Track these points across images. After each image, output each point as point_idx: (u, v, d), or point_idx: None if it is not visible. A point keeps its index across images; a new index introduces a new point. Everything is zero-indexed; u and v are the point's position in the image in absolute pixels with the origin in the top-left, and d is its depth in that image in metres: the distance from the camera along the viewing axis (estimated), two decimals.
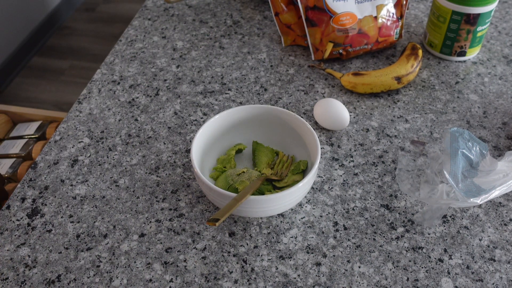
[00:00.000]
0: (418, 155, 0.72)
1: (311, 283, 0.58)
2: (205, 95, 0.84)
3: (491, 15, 0.84)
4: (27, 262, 0.61)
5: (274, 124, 0.70)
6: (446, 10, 0.83)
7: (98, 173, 0.71)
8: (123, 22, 2.58)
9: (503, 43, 0.94)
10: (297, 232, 0.63)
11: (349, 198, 0.67)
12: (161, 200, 0.67)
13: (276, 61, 0.90)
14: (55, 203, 0.67)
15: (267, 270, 0.59)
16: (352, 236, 0.63)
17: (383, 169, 0.71)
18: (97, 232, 0.64)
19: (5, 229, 0.64)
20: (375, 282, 0.58)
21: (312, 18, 0.86)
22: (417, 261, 0.60)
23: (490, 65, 0.89)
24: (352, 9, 0.86)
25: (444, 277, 0.58)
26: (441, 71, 0.88)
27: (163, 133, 0.77)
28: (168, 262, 0.60)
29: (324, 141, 0.75)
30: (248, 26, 0.99)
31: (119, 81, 0.87)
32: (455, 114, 0.79)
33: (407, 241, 0.62)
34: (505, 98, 0.82)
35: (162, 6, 1.05)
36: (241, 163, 0.71)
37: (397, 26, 0.89)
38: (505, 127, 0.77)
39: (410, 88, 0.84)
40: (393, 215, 0.65)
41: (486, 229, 0.63)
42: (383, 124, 0.78)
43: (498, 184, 0.61)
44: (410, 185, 0.67)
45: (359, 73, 0.82)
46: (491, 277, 0.58)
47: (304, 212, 0.65)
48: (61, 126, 0.79)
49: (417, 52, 0.84)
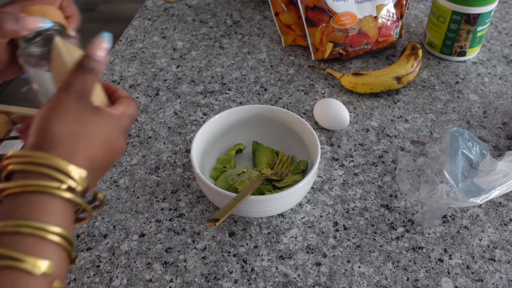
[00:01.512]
0: (418, 155, 0.72)
1: (311, 283, 0.58)
2: (205, 95, 0.84)
3: (491, 15, 0.84)
4: None
5: (274, 124, 0.70)
6: (446, 10, 0.83)
7: None
8: (123, 22, 2.58)
9: (503, 43, 0.94)
10: (297, 232, 0.63)
11: (349, 198, 0.67)
12: (161, 200, 0.67)
13: (276, 61, 0.90)
14: None
15: (267, 270, 0.59)
16: (352, 236, 0.63)
17: (383, 169, 0.71)
18: (97, 232, 0.64)
19: None
20: (375, 282, 0.58)
21: (312, 18, 0.86)
22: (417, 261, 0.60)
23: (490, 65, 0.89)
24: (352, 9, 0.86)
25: (444, 277, 0.58)
26: (441, 71, 0.88)
27: (163, 133, 0.77)
28: (168, 262, 0.60)
29: (324, 141, 0.75)
30: (248, 26, 0.99)
31: (119, 81, 0.87)
32: (455, 114, 0.79)
33: (407, 241, 0.62)
34: (505, 98, 0.82)
35: (162, 6, 1.05)
36: (241, 163, 0.71)
37: (397, 26, 0.89)
38: (505, 127, 0.77)
39: (410, 88, 0.84)
40: (393, 215, 0.65)
41: (486, 229, 0.63)
42: (383, 124, 0.78)
43: (498, 184, 0.61)
44: (410, 185, 0.67)
45: (359, 73, 0.82)
46: (491, 277, 0.58)
47: (304, 212, 0.65)
48: None
49: (417, 52, 0.84)
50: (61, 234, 0.35)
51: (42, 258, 0.33)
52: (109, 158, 0.42)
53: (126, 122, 0.44)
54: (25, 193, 0.35)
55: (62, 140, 0.38)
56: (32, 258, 0.33)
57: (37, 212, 0.35)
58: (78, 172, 0.38)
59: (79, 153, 0.39)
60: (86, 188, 0.40)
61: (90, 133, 0.40)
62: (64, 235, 0.36)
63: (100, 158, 0.41)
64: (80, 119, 0.40)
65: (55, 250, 0.35)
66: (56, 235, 0.35)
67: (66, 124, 0.39)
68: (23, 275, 0.32)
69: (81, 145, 0.39)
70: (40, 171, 0.36)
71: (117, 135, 0.42)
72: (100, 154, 0.40)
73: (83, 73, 0.42)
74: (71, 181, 0.37)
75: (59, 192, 0.36)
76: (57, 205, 0.36)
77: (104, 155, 0.41)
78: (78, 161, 0.38)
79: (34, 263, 0.33)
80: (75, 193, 0.38)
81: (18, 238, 0.33)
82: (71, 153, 0.38)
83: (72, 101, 0.40)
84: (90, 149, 0.39)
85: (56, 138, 0.38)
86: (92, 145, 0.40)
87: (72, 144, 0.38)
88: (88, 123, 0.40)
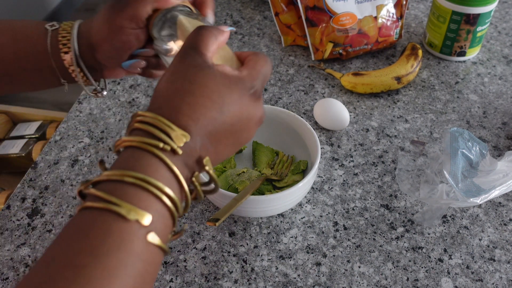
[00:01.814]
0: (418, 155, 0.73)
1: (311, 283, 0.58)
2: None
3: (491, 15, 0.84)
4: (27, 262, 0.61)
5: (274, 124, 0.70)
6: (446, 10, 0.83)
7: (98, 173, 0.71)
8: None
9: (502, 43, 0.94)
10: (297, 232, 0.63)
11: (349, 198, 0.67)
12: None
13: (276, 61, 0.90)
14: (55, 203, 0.67)
15: (267, 270, 0.59)
16: (352, 236, 0.63)
17: (383, 169, 0.71)
18: None
19: (5, 229, 0.64)
20: (375, 282, 0.58)
21: (312, 18, 0.86)
22: (417, 261, 0.60)
23: (490, 65, 0.89)
24: (352, 9, 0.86)
25: (444, 277, 0.58)
26: (441, 71, 0.88)
27: None
28: (168, 262, 0.60)
29: (324, 141, 0.75)
30: (248, 26, 0.99)
31: (119, 81, 0.87)
32: (455, 114, 0.79)
33: (407, 241, 0.62)
34: (504, 98, 0.82)
35: None
36: (241, 163, 0.71)
37: (397, 26, 0.89)
38: (504, 127, 0.77)
39: (410, 88, 0.84)
40: (393, 215, 0.65)
41: (486, 229, 0.63)
42: (383, 124, 0.78)
43: (498, 184, 0.61)
44: (410, 185, 0.67)
45: (359, 73, 0.82)
46: (491, 277, 0.58)
47: (304, 212, 0.65)
48: (61, 126, 0.79)
49: (417, 52, 0.84)
50: (161, 188, 0.34)
51: (139, 207, 0.33)
52: (229, 122, 0.39)
53: (253, 82, 0.40)
54: (133, 147, 0.36)
55: (166, 98, 0.38)
56: (128, 204, 0.33)
57: (140, 166, 0.35)
58: (179, 133, 0.36)
59: (182, 111, 0.37)
60: (190, 153, 0.37)
61: (195, 90, 0.37)
62: (164, 191, 0.35)
63: (213, 120, 0.38)
64: (185, 76, 0.38)
65: (155, 204, 0.34)
66: (156, 188, 0.34)
67: (171, 83, 0.38)
68: (117, 218, 0.33)
69: (185, 103, 0.37)
70: (147, 129, 0.36)
71: (238, 96, 0.39)
72: (211, 114, 0.38)
73: (196, 32, 0.41)
74: (170, 140, 0.36)
75: (157, 151, 0.35)
76: (159, 163, 0.35)
77: (218, 116, 0.38)
78: (181, 119, 0.37)
79: (129, 209, 0.33)
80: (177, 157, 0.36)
81: (120, 186, 0.34)
82: (174, 111, 0.37)
83: (179, 59, 0.39)
84: (195, 107, 0.37)
85: (162, 97, 0.38)
86: (197, 102, 0.37)
87: (175, 102, 0.37)
88: (194, 80, 0.38)
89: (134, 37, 0.50)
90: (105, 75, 0.55)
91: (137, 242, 0.33)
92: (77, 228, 0.33)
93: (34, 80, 0.55)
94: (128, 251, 0.32)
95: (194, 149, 0.37)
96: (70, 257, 0.31)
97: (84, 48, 0.51)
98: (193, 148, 0.37)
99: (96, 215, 0.33)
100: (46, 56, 0.51)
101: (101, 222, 0.33)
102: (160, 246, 0.34)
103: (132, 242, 0.32)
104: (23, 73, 0.53)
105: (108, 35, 0.49)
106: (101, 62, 0.52)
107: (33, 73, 0.53)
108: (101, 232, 0.32)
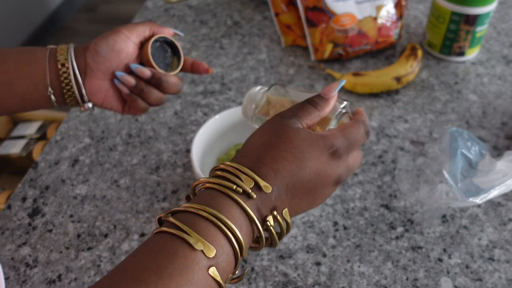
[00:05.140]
0: (417, 155, 0.73)
1: (311, 282, 0.58)
2: (205, 95, 0.84)
3: (490, 16, 0.84)
4: (28, 262, 0.61)
5: None
6: (445, 10, 0.84)
7: (98, 173, 0.71)
8: (124, 22, 2.58)
9: (502, 44, 0.94)
10: (297, 232, 0.63)
11: (348, 198, 0.67)
12: (162, 200, 0.68)
13: (276, 61, 0.91)
14: (56, 203, 0.67)
15: (267, 269, 0.59)
16: (352, 235, 0.63)
17: (383, 169, 0.71)
18: (98, 231, 0.64)
19: (6, 229, 0.64)
20: (375, 282, 0.58)
21: (312, 18, 0.86)
22: (417, 261, 0.60)
23: (489, 66, 0.89)
24: (351, 10, 0.86)
25: (444, 277, 0.59)
26: (440, 72, 0.88)
27: (164, 133, 0.77)
28: None
29: None
30: (248, 27, 0.99)
31: None
32: (454, 114, 0.80)
33: (406, 240, 0.62)
34: (504, 98, 0.82)
35: (163, 7, 1.06)
36: None
37: (397, 26, 0.90)
38: (504, 127, 0.77)
39: (409, 89, 0.85)
40: (393, 215, 0.65)
41: (485, 229, 0.63)
42: (383, 124, 0.78)
43: (497, 183, 0.61)
44: (409, 185, 0.67)
45: (358, 74, 0.82)
46: (490, 277, 0.58)
47: None
48: (62, 126, 0.79)
49: (416, 53, 0.85)
50: (229, 226, 0.36)
51: (206, 240, 0.36)
52: (307, 177, 0.40)
53: (334, 141, 0.42)
54: (212, 189, 0.39)
55: (251, 149, 0.41)
56: (197, 235, 0.35)
57: (215, 204, 0.38)
58: (262, 184, 0.38)
59: (264, 161, 0.40)
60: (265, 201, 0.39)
61: (280, 144, 0.40)
62: (231, 228, 0.37)
63: (291, 173, 0.40)
64: (274, 132, 0.41)
65: (221, 240, 0.36)
66: (225, 225, 0.36)
67: (260, 137, 0.42)
68: (185, 246, 0.35)
69: (268, 155, 0.40)
70: (226, 176, 0.39)
71: (318, 153, 0.41)
72: (290, 168, 0.40)
73: (301, 104, 0.44)
74: (244, 185, 0.38)
75: (231, 193, 0.38)
76: (232, 204, 0.38)
77: (297, 170, 0.40)
78: (263, 168, 0.39)
79: (197, 239, 0.35)
80: (251, 202, 0.38)
81: (194, 218, 0.37)
82: (257, 160, 0.40)
83: (274, 119, 0.43)
84: (277, 159, 0.40)
85: (248, 148, 0.41)
86: (280, 155, 0.40)
87: (259, 152, 0.40)
88: (281, 134, 0.41)
89: (127, 43, 0.55)
90: (86, 84, 0.56)
91: (198, 271, 0.35)
92: (149, 247, 0.36)
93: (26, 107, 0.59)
94: (188, 277, 0.34)
95: (269, 198, 0.39)
96: (138, 272, 0.34)
97: (78, 50, 0.56)
98: (269, 197, 0.39)
99: (168, 239, 0.36)
100: (44, 78, 0.55)
101: (170, 246, 0.35)
102: (218, 281, 0.36)
103: (193, 270, 0.35)
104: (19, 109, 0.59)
105: (105, 34, 0.55)
106: (89, 64, 0.55)
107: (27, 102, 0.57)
108: (169, 255, 0.35)
